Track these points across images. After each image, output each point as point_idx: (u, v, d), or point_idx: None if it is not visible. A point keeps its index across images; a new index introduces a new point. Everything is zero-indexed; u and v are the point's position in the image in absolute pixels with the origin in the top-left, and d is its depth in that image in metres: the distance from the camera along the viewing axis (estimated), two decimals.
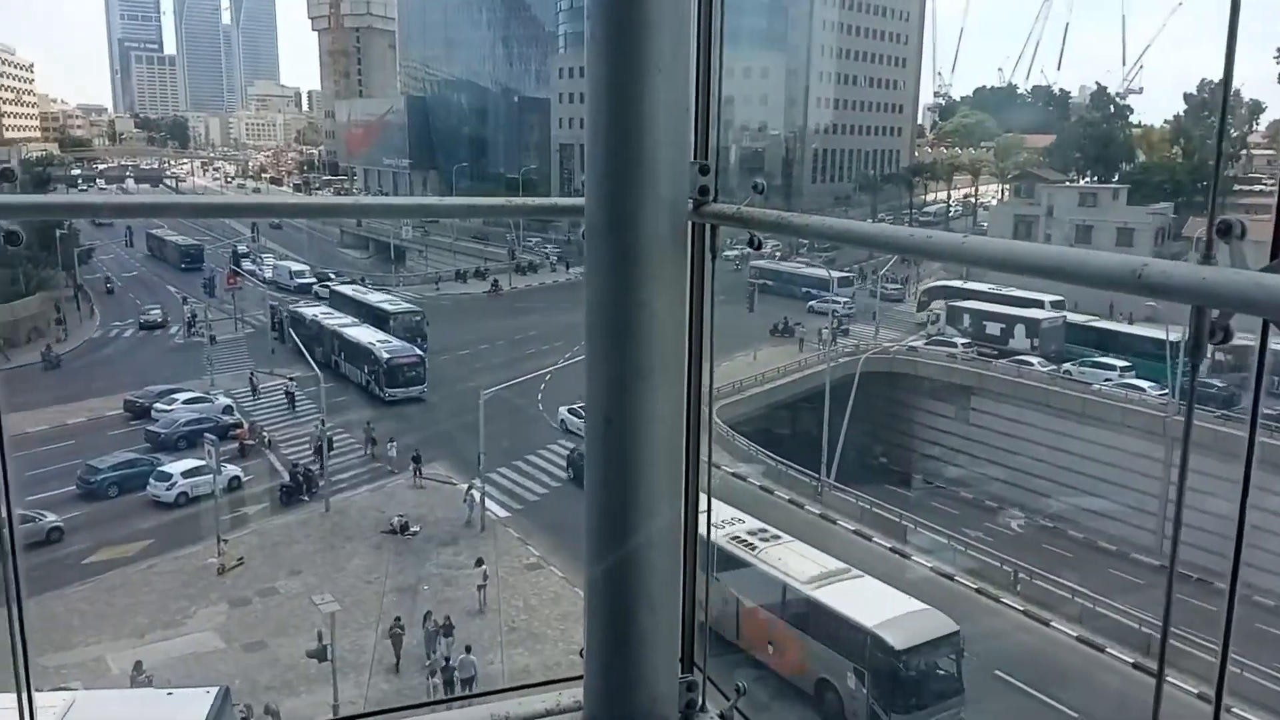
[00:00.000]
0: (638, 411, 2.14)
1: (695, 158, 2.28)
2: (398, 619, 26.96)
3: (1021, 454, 45.28)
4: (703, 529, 2.41)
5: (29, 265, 56.84)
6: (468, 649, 25.84)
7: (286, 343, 50.47)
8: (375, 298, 59.95)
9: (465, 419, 39.67)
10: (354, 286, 65.45)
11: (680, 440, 2.22)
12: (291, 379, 47.63)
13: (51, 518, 32.32)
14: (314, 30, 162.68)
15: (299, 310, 57.15)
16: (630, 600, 2.14)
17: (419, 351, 49.16)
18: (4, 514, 2.13)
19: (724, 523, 27.30)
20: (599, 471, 2.22)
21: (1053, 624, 27.92)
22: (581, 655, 2.22)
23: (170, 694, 22.17)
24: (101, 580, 30.13)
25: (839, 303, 61.24)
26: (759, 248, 2.26)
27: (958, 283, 60.31)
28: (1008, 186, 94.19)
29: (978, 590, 29.70)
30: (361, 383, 48.09)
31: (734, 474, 37.96)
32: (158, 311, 60.53)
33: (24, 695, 2.07)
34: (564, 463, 38.69)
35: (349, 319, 53.87)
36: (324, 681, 24.24)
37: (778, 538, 27.92)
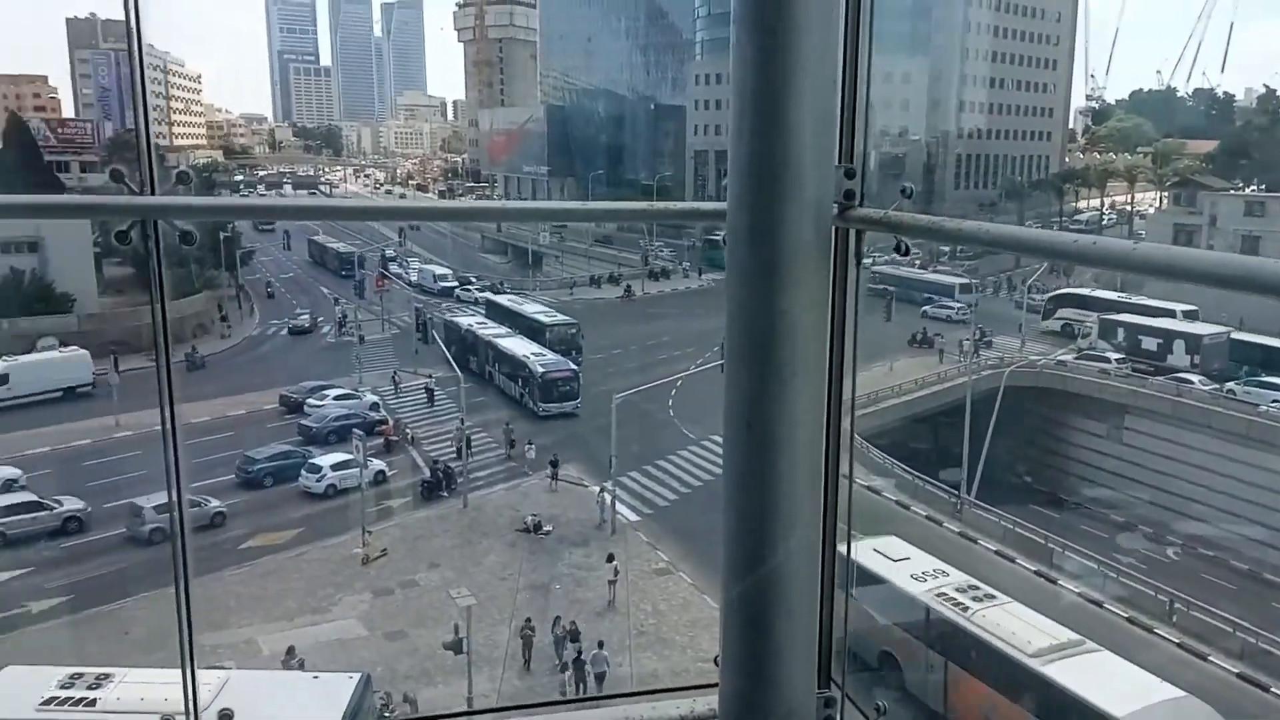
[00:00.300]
0: (778, 418, 2.11)
1: (840, 161, 2.24)
2: (528, 620, 27.57)
3: (1180, 477, 42.73)
4: (842, 544, 2.36)
5: (196, 266, 60.68)
6: (600, 644, 26.19)
7: (430, 343, 51.91)
8: (531, 309, 59.03)
9: (598, 422, 40.23)
10: (509, 297, 64.82)
11: (820, 449, 2.18)
12: (431, 376, 49.21)
13: (215, 503, 34.46)
14: (460, 41, 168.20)
15: (454, 319, 57.24)
16: (768, 609, 2.12)
17: (573, 366, 48.17)
18: (174, 498, 2.30)
19: (924, 575, 25.61)
20: (737, 477, 2.19)
21: (1211, 659, 26.23)
22: (715, 663, 2.21)
23: (316, 677, 23.39)
24: (256, 565, 31.89)
25: (951, 308, 60.03)
26: (906, 253, 2.20)
27: (1085, 290, 57.50)
28: (1166, 194, 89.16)
29: (1129, 620, 28.18)
30: (515, 396, 47.78)
31: (868, 487, 37.18)
32: (306, 317, 63.48)
33: (188, 671, 2.20)
34: (693, 468, 38.62)
35: (503, 329, 53.72)
36: (459, 673, 24.96)
37: (992, 597, 24.99)
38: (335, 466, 37.35)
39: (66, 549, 32.88)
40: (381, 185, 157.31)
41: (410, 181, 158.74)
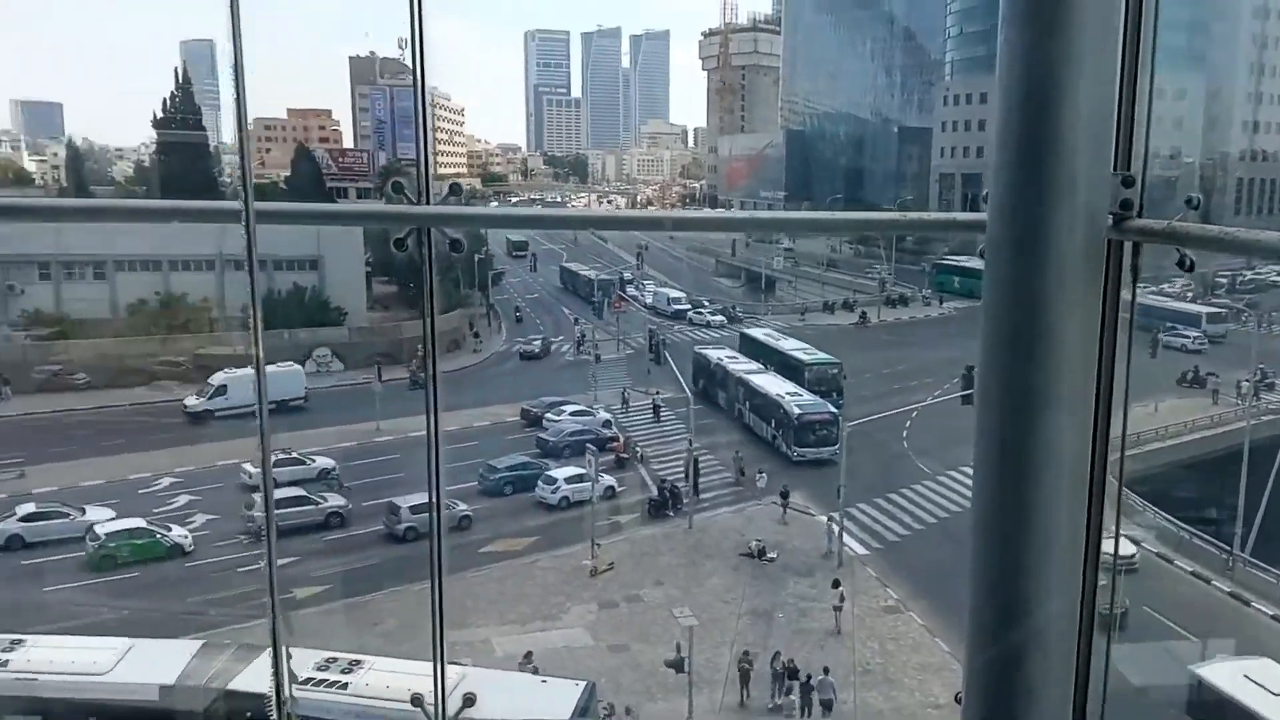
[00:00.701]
0: (1036, 445, 1.93)
1: (1117, 168, 2.03)
2: (746, 653, 27.08)
3: None
4: (1105, 581, 2.12)
5: (451, 285, 65.11)
6: (826, 670, 25.89)
7: (662, 364, 52.75)
8: (788, 345, 55.17)
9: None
10: (765, 331, 61.25)
11: (1084, 482, 1.99)
12: (658, 393, 50.18)
13: (463, 507, 36.69)
14: (703, 70, 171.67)
15: (703, 352, 55.81)
16: (1018, 650, 1.94)
17: (833, 409, 44.02)
18: (433, 500, 2.54)
19: None
20: (989, 501, 2.02)
21: None
22: (958, 700, 2.10)
23: (545, 681, 24.28)
24: (494, 569, 33.57)
25: (1188, 337, 56.68)
26: (1191, 269, 1.98)
27: None
28: None
29: None
30: (767, 437, 45.53)
31: (1128, 536, 34.31)
32: (538, 342, 65.59)
33: (439, 665, 2.31)
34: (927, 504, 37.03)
35: (754, 365, 51.19)
36: (679, 691, 25.14)
37: None
38: (569, 480, 38.80)
39: (329, 542, 35.96)
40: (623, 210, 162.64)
41: (649, 207, 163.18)
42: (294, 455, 39.69)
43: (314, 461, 40.53)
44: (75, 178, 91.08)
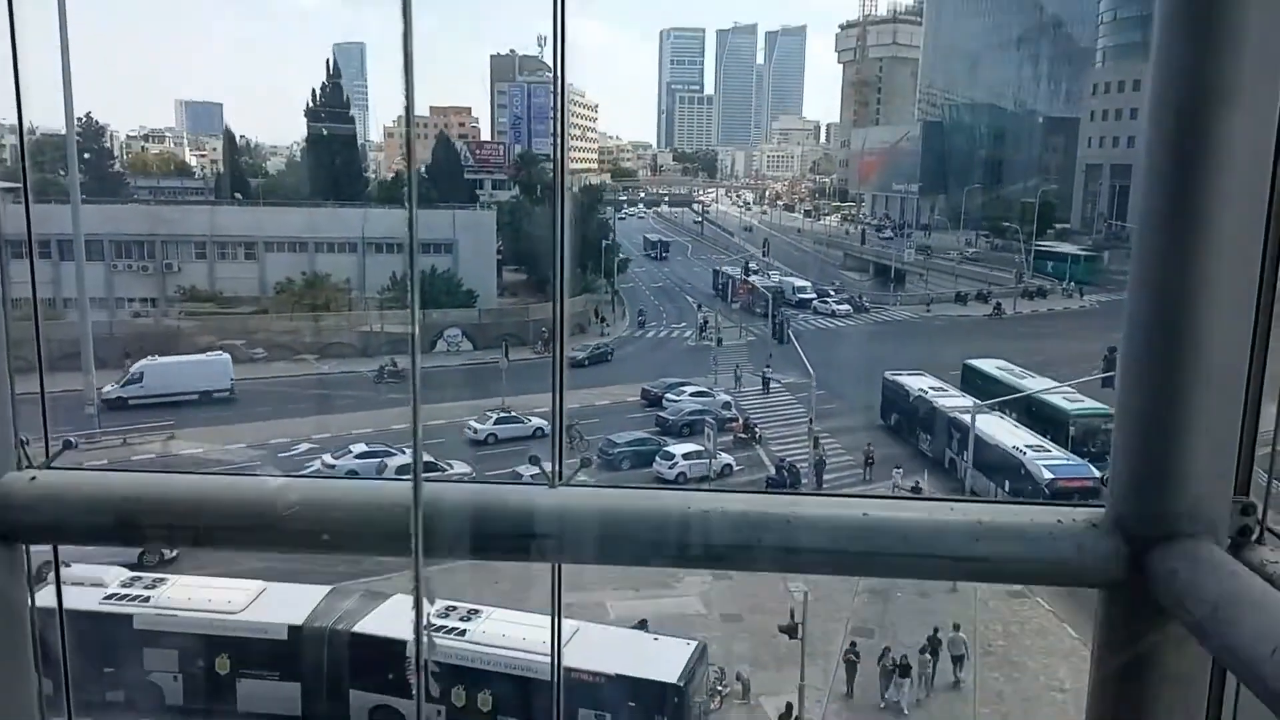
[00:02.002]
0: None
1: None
2: (853, 644, 26.03)
3: None
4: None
5: (580, 270, 66.15)
6: (956, 626, 25.70)
7: (784, 343, 52.00)
8: (1037, 384, 42.64)
9: None
10: (999, 364, 47.21)
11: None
12: (768, 368, 50.76)
13: (582, 478, 37.13)
14: (839, 63, 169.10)
15: (899, 380, 45.01)
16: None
17: (1095, 473, 32.31)
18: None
19: None
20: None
21: None
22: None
23: (656, 639, 24.43)
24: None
25: None
26: None
27: None
28: None
29: None
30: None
31: None
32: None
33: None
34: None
35: (969, 400, 38.51)
36: (791, 663, 24.81)
37: None
38: (686, 455, 38.85)
39: None
40: (751, 205, 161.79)
41: (778, 201, 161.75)
42: (513, 414, 42.68)
43: (530, 420, 42.62)
44: (231, 170, 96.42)
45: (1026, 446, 35.36)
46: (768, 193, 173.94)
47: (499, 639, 22.40)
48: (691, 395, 47.10)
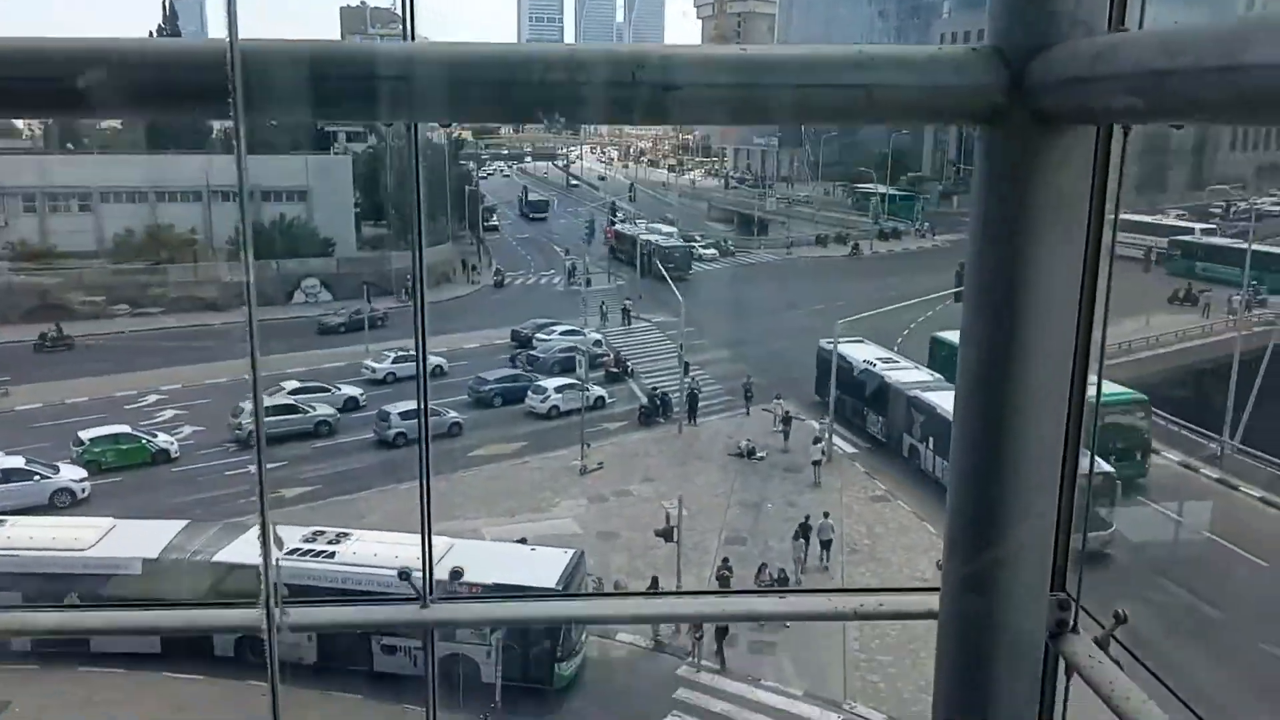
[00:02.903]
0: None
1: None
2: (725, 560, 26.14)
3: None
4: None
5: (443, 218, 64.61)
6: (826, 514, 26.89)
7: (649, 275, 52.06)
8: None
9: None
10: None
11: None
12: (629, 300, 52.27)
13: (454, 415, 36.58)
14: (699, 18, 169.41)
15: (843, 352, 36.54)
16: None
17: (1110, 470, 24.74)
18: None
19: None
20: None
21: None
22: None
23: (533, 550, 24.24)
24: (483, 470, 33.50)
25: None
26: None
27: None
28: None
29: None
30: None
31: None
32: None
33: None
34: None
35: (931, 377, 34.32)
36: (668, 571, 25.10)
37: None
38: (559, 389, 38.66)
39: (318, 449, 35.87)
40: (615, 162, 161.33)
41: (643, 158, 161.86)
42: (409, 352, 40.92)
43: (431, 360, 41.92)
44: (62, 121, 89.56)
45: None
46: (632, 149, 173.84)
47: (370, 558, 21.79)
48: (562, 334, 46.80)
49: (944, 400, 28.53)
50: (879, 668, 22.14)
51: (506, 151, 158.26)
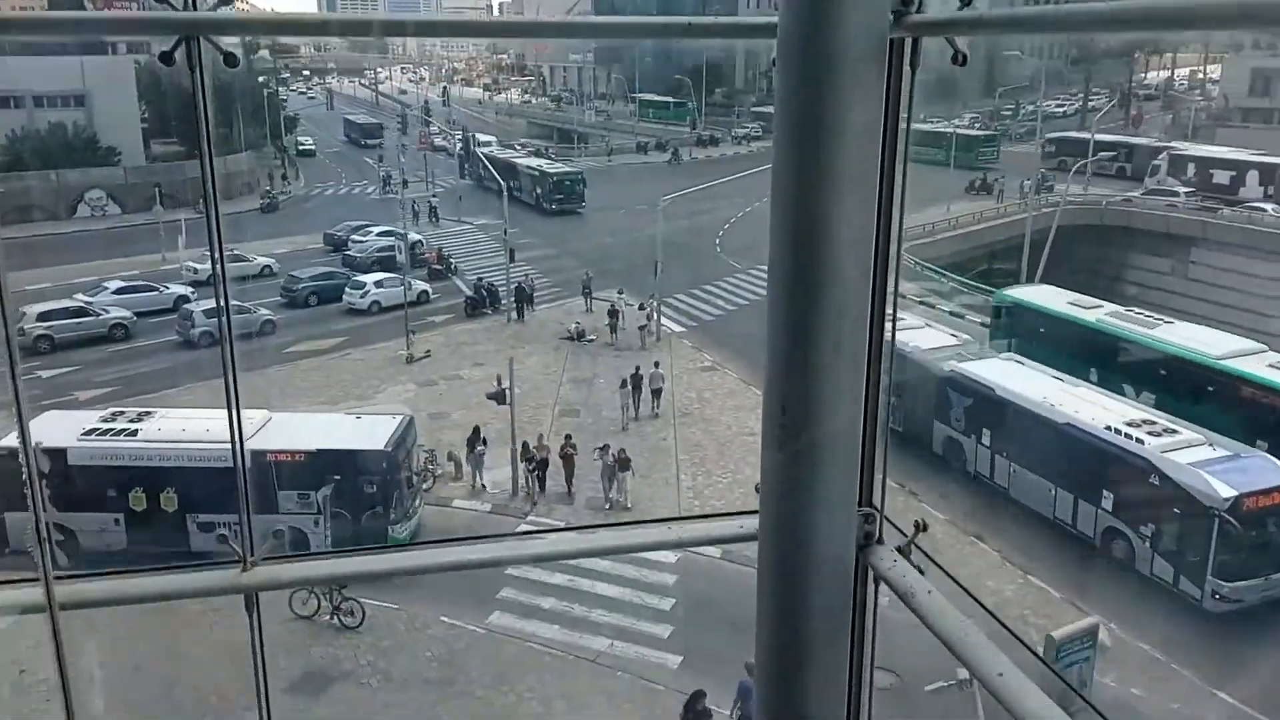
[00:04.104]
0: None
1: None
2: (568, 437, 24.52)
3: (1249, 309, 40.91)
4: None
5: (240, 124, 60.40)
6: (657, 364, 27.69)
7: (470, 164, 50.91)
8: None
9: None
10: (1055, 292, 45.34)
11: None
12: (435, 196, 52.47)
13: (265, 313, 34.55)
14: None
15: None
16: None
17: None
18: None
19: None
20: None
21: None
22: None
23: (359, 418, 23.29)
24: (300, 364, 31.92)
25: None
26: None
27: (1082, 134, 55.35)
28: None
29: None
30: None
31: (921, 302, 36.23)
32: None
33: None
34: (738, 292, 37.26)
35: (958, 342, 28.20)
36: (501, 443, 24.68)
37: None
38: (379, 284, 37.13)
39: (114, 352, 33.22)
40: (424, 81, 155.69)
41: (456, 78, 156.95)
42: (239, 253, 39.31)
43: (255, 259, 40.97)
44: None
45: (1133, 428, 20.35)
46: (444, 68, 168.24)
47: (178, 434, 20.34)
48: (379, 234, 44.88)
49: (1004, 377, 23.73)
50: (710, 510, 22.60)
51: (308, 72, 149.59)
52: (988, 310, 34.42)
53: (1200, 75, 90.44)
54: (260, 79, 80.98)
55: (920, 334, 26.21)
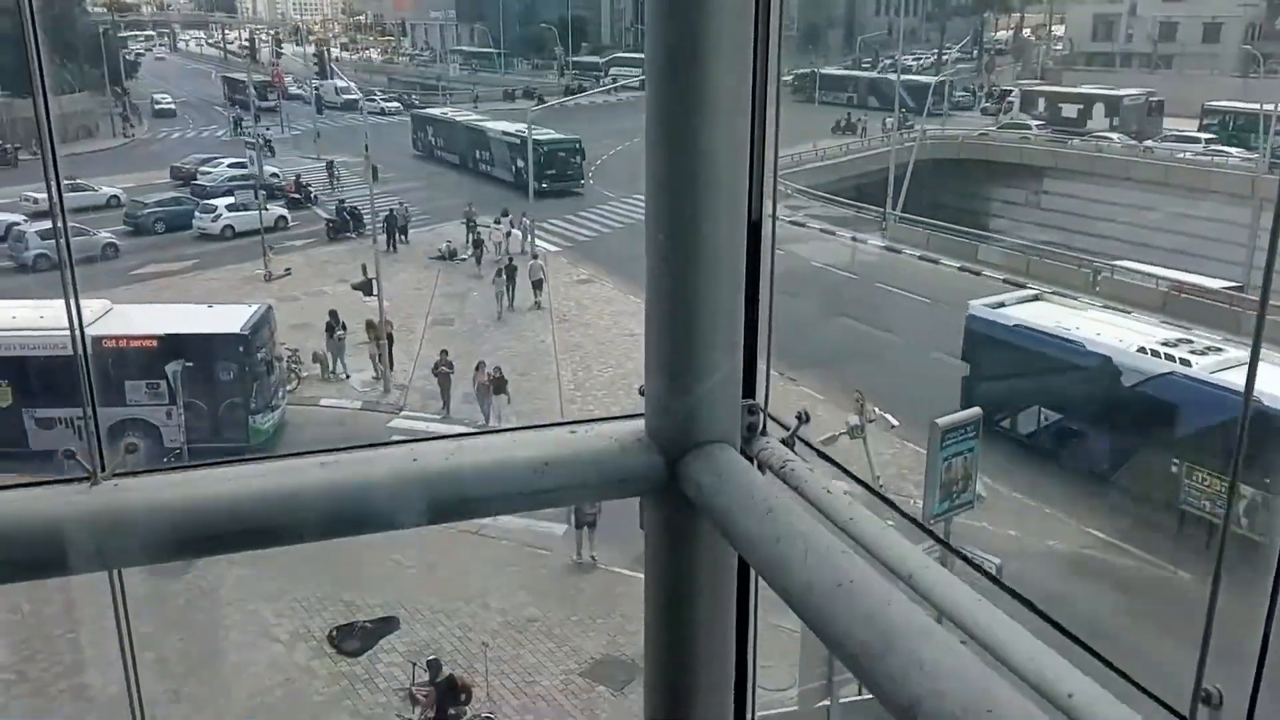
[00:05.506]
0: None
1: None
2: (444, 352, 23.08)
3: (1097, 234, 42.99)
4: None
5: (75, 66, 56.21)
6: (535, 255, 28.15)
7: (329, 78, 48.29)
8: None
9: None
10: None
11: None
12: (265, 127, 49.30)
13: (106, 235, 32.15)
14: None
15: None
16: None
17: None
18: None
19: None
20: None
21: None
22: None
23: (211, 307, 21.81)
24: (149, 285, 29.84)
25: None
26: None
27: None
28: None
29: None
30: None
31: (792, 222, 36.58)
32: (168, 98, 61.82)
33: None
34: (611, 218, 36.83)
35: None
36: (360, 353, 23.59)
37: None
38: (231, 207, 35.00)
39: None
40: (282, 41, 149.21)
41: (310, 38, 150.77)
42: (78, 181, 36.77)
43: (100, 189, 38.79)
44: None
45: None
46: (299, 29, 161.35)
47: (8, 321, 18.54)
48: (230, 166, 42.35)
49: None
50: (594, 401, 22.20)
51: (151, 30, 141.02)
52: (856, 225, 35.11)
53: (1045, 29, 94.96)
54: (100, 28, 75.80)
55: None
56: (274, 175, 42.39)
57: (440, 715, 11.69)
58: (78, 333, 2.06)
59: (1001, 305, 21.54)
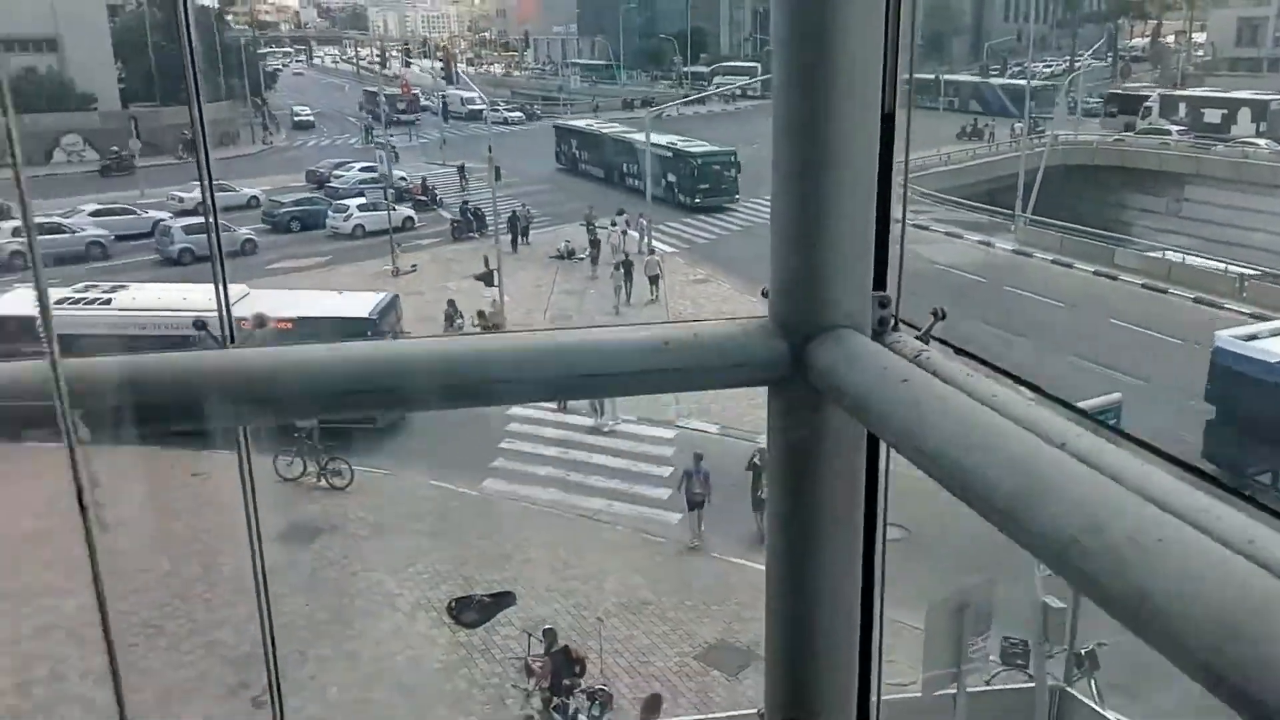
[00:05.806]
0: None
1: None
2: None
3: (1243, 244, 40.66)
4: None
5: (222, 77, 59.45)
6: (652, 251, 28.54)
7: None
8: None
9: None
10: None
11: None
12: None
13: (246, 231, 33.71)
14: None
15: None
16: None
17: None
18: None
19: None
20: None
21: None
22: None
23: (340, 293, 22.60)
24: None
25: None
26: None
27: None
28: None
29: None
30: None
31: (918, 226, 35.77)
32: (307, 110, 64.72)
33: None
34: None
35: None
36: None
37: None
38: (362, 208, 36.32)
39: (92, 269, 32.30)
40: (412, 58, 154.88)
41: (438, 51, 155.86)
42: (222, 183, 38.46)
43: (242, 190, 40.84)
44: None
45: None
46: (426, 44, 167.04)
47: (154, 303, 19.60)
48: (362, 169, 43.97)
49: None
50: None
51: (289, 46, 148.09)
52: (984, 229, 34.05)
53: (1185, 35, 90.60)
54: (241, 41, 79.96)
55: None
56: (401, 179, 43.83)
57: (555, 685, 11.75)
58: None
59: (1254, 338, 18.65)
